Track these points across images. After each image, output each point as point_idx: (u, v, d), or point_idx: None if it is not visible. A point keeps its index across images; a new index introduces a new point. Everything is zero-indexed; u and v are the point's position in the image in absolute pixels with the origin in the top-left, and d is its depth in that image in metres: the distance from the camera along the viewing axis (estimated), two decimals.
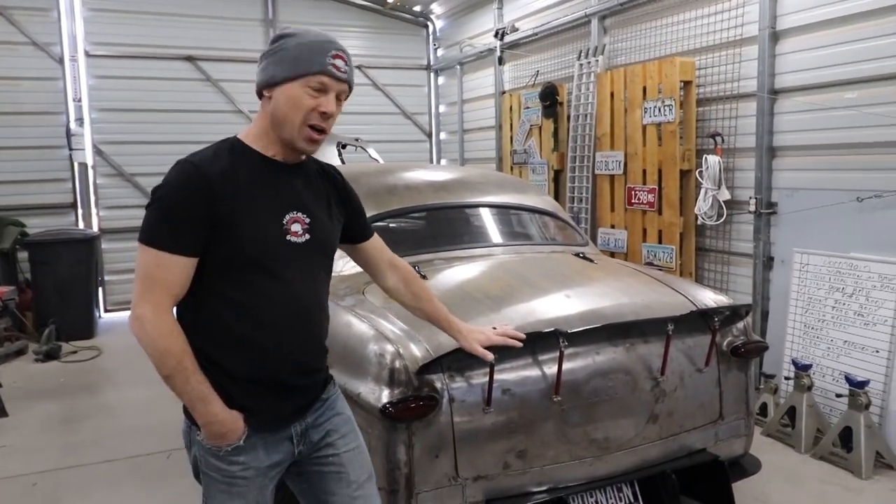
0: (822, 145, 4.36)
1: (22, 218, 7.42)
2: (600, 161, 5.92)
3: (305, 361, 1.83)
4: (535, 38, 7.27)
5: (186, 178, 1.65)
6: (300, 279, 1.77)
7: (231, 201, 1.66)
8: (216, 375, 1.71)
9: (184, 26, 8.31)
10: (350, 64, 1.75)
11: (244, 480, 1.76)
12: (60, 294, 6.84)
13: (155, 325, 1.62)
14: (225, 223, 1.65)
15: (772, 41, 4.55)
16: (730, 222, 4.98)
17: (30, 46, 7.64)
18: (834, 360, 4.15)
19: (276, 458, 1.81)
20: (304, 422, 1.85)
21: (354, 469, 1.91)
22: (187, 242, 1.64)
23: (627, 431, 2.63)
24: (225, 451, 1.74)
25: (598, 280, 3.07)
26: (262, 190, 1.72)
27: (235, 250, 1.67)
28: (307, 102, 1.69)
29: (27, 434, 4.55)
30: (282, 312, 1.74)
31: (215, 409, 1.69)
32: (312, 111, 1.70)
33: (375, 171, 3.93)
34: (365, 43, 9.31)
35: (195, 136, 8.02)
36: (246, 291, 1.70)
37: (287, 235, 1.73)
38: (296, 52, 1.69)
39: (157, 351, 1.63)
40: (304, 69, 1.68)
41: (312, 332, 1.84)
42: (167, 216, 1.64)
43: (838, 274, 4.17)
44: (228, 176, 1.67)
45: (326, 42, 1.72)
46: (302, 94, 1.69)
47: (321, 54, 1.69)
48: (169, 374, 1.64)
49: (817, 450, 3.93)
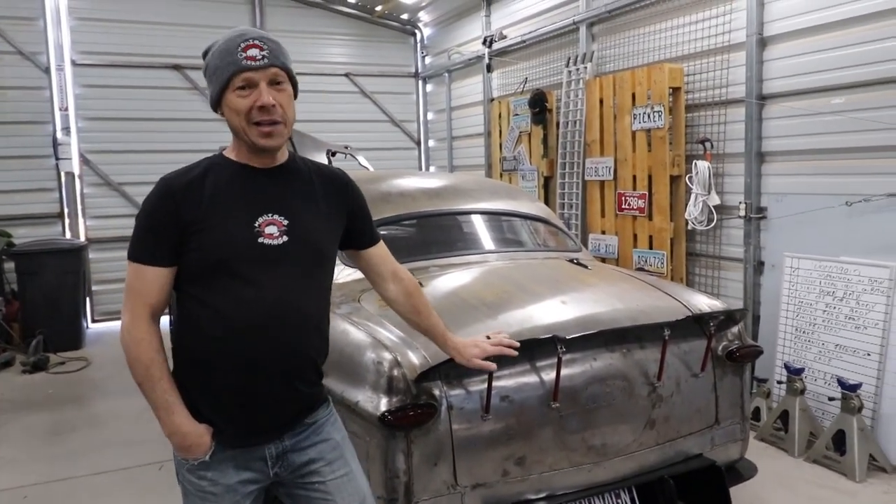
0: (810, 150, 4.40)
1: (8, 228, 7.34)
2: (590, 167, 5.94)
3: (282, 375, 1.75)
4: (523, 46, 7.30)
5: (155, 193, 1.73)
6: (279, 284, 1.73)
7: (196, 210, 1.69)
8: (191, 386, 1.72)
9: (170, 35, 8.28)
10: (270, 45, 1.69)
11: (214, 496, 1.75)
12: (48, 304, 6.77)
13: (130, 333, 1.70)
14: (192, 231, 1.68)
15: (759, 47, 4.60)
16: (720, 227, 5.01)
17: (16, 56, 7.59)
18: (826, 363, 4.18)
19: (246, 476, 1.77)
20: (281, 444, 1.80)
21: (343, 497, 1.86)
22: (158, 254, 1.70)
23: (625, 437, 2.63)
24: (191, 465, 1.74)
25: (593, 286, 3.08)
26: (232, 196, 1.73)
27: (204, 255, 1.69)
28: (242, 104, 1.68)
29: (16, 446, 4.48)
30: (254, 315, 1.70)
31: (178, 420, 1.70)
32: (251, 110, 1.68)
33: (368, 178, 3.92)
34: (353, 51, 9.32)
35: (182, 145, 8.03)
36: (217, 296, 1.70)
37: (259, 238, 1.71)
38: (214, 63, 1.71)
39: (129, 358, 1.71)
40: (224, 76, 1.68)
41: (290, 339, 1.75)
42: (140, 231, 1.73)
43: (829, 278, 4.20)
44: (194, 186, 1.71)
45: (235, 37, 1.69)
46: (234, 100, 1.69)
47: (231, 53, 1.67)
48: (139, 381, 1.71)
49: (811, 453, 3.95)
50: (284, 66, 1.71)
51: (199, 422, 1.72)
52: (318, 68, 8.93)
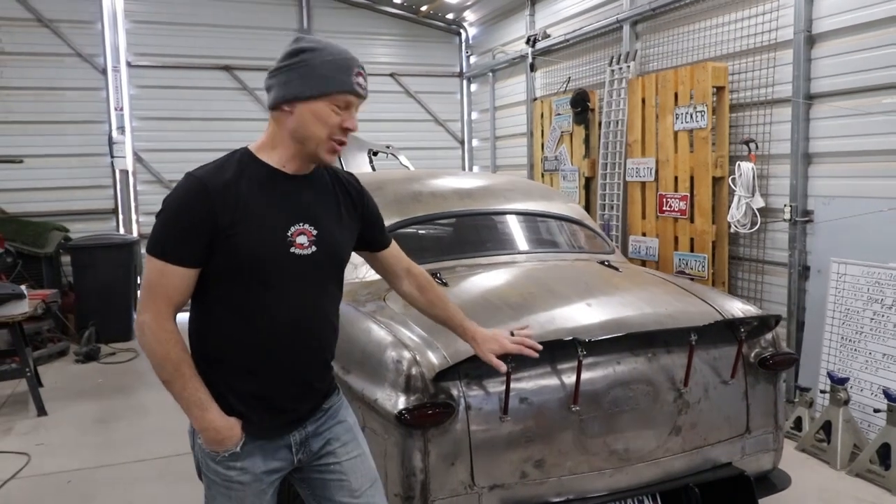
0: (859, 151, 4.23)
1: (65, 223, 7.66)
2: (631, 168, 5.85)
3: (303, 377, 1.82)
4: (566, 45, 7.24)
5: (187, 191, 1.69)
6: (304, 292, 1.77)
7: (232, 213, 1.67)
8: (216, 382, 1.74)
9: (221, 36, 8.51)
10: (366, 79, 1.77)
11: (241, 485, 1.78)
12: (101, 297, 7.03)
13: (154, 332, 1.67)
14: (226, 234, 1.67)
15: (807, 45, 4.45)
16: (764, 231, 4.87)
17: (74, 58, 7.92)
18: (872, 373, 4.01)
19: (273, 465, 1.82)
20: (304, 430, 1.85)
21: (356, 477, 1.91)
22: (187, 253, 1.67)
23: (649, 443, 2.58)
24: (222, 457, 1.76)
25: (622, 289, 3.03)
26: (267, 201, 1.73)
27: (236, 261, 1.69)
28: (333, 120, 1.71)
29: (64, 433, 4.68)
30: (282, 323, 1.75)
31: (211, 416, 1.72)
32: (335, 128, 1.72)
33: (402, 178, 3.95)
34: (398, 50, 9.40)
35: (231, 144, 8.00)
36: (247, 302, 1.72)
37: (292, 248, 1.73)
38: (322, 69, 1.69)
39: (155, 357, 1.68)
40: (333, 88, 1.69)
41: (313, 347, 1.83)
42: (169, 227, 1.69)
43: (877, 285, 4.04)
44: (230, 187, 1.69)
45: (350, 59, 1.73)
46: (328, 112, 1.70)
47: (347, 73, 1.70)
48: (167, 379, 1.69)
49: (853, 466, 3.81)
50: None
51: (228, 414, 1.75)
52: (364, 68, 8.99)
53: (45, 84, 7.79)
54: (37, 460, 4.21)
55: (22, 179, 7.66)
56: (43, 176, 7.80)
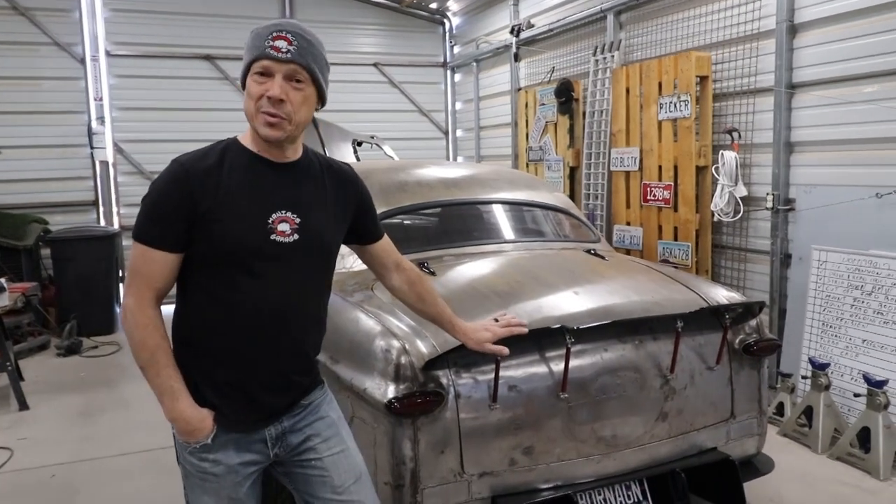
0: (840, 140, 4.28)
1: (45, 215, 7.56)
2: (616, 157, 5.87)
3: (280, 368, 1.79)
4: (550, 35, 7.24)
5: (169, 176, 1.69)
6: (286, 280, 1.75)
7: (212, 199, 1.67)
8: (192, 369, 1.73)
9: (202, 25, 8.40)
10: (301, 42, 1.67)
11: (215, 477, 1.77)
12: (82, 290, 6.95)
13: (135, 317, 1.68)
14: (206, 220, 1.66)
15: (789, 34, 4.48)
16: (746, 219, 4.92)
17: (52, 47, 7.77)
18: (852, 359, 4.08)
19: (247, 458, 1.80)
20: (280, 426, 1.83)
21: (339, 473, 1.88)
22: (168, 238, 1.68)
23: (636, 429, 2.61)
24: (193, 448, 1.76)
25: (609, 277, 3.05)
26: (248, 188, 1.71)
27: (216, 247, 1.68)
28: (255, 90, 1.67)
29: (47, 427, 4.63)
30: (260, 311, 1.72)
31: (181, 406, 1.71)
32: (261, 98, 1.66)
33: (387, 167, 3.94)
34: (381, 40, 9.34)
35: (213, 135, 7.97)
36: (226, 288, 1.71)
37: (272, 234, 1.72)
38: (246, 45, 1.70)
39: (133, 341, 1.69)
40: (249, 57, 1.68)
41: (292, 338, 1.80)
42: (151, 212, 1.70)
43: (857, 272, 4.10)
44: (211, 174, 1.68)
45: (271, 25, 1.68)
46: (251, 84, 1.68)
47: (262, 39, 1.66)
48: (143, 365, 1.70)
49: (834, 450, 3.87)
50: (308, 67, 1.68)
51: (202, 405, 1.73)
52: (347, 58, 8.95)
53: (21, 73, 7.64)
54: (20, 455, 4.16)
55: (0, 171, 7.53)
56: (21, 167, 7.67)
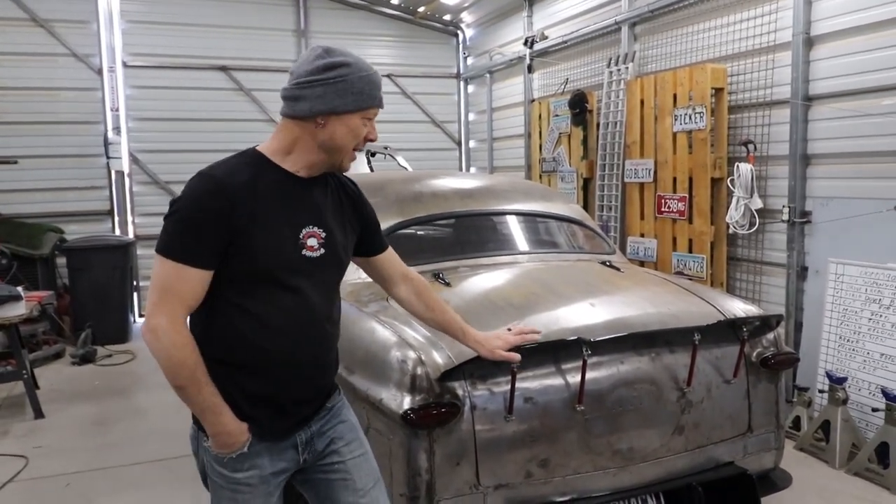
0: (857, 153, 4.25)
1: (61, 224, 7.63)
2: (630, 169, 5.86)
3: (312, 376, 1.85)
4: (564, 46, 7.25)
5: (205, 191, 1.67)
6: (313, 293, 1.79)
7: (249, 215, 1.67)
8: (225, 384, 1.73)
9: (218, 37, 8.47)
10: None
11: (248, 487, 1.77)
12: (97, 299, 7.00)
13: (170, 337, 1.63)
14: (242, 236, 1.67)
15: (806, 47, 4.47)
16: (762, 231, 4.89)
17: (70, 58, 7.86)
18: (870, 373, 4.03)
19: (280, 466, 1.82)
20: (310, 430, 1.86)
21: (360, 476, 1.91)
22: (205, 255, 1.66)
23: (652, 442, 2.59)
24: (229, 459, 1.76)
25: (624, 289, 3.04)
26: (280, 204, 1.74)
27: (251, 263, 1.69)
28: (362, 131, 1.78)
29: (62, 435, 4.65)
30: (294, 324, 1.76)
31: (225, 420, 1.71)
32: (363, 138, 1.80)
33: (402, 178, 3.95)
34: (395, 52, 9.39)
35: (228, 145, 8.07)
36: (260, 303, 1.72)
37: (303, 250, 1.76)
38: (359, 85, 1.73)
39: (170, 362, 1.64)
40: (368, 104, 1.76)
41: (323, 347, 1.86)
42: (186, 228, 1.66)
43: (875, 285, 4.06)
44: (248, 189, 1.69)
45: (377, 74, 1.79)
46: (360, 125, 1.77)
47: (378, 89, 1.78)
48: (182, 385, 1.66)
49: (852, 465, 3.82)
50: None
51: (239, 418, 1.74)
52: None
53: (39, 84, 7.73)
54: (35, 463, 4.18)
55: (16, 180, 7.60)
56: (38, 177, 7.73)
